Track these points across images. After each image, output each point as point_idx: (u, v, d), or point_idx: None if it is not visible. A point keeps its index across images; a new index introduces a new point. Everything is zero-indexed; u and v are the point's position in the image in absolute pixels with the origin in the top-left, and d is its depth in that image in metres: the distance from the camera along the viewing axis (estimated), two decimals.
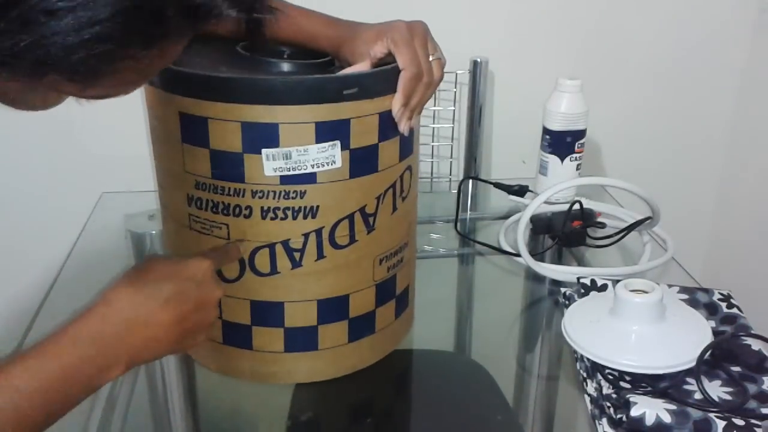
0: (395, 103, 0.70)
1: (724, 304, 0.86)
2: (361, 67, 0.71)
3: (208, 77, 0.66)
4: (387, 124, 0.71)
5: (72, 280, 0.99)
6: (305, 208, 0.69)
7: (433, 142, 1.30)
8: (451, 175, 1.33)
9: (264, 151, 0.66)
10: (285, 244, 0.70)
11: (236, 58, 0.75)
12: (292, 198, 0.68)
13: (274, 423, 0.76)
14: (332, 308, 0.74)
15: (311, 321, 0.74)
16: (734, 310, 0.86)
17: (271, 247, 0.70)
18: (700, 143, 1.40)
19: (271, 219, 0.69)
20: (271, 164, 0.67)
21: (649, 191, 0.98)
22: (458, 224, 1.14)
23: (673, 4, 1.29)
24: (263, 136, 0.66)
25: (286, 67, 0.73)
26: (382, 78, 0.70)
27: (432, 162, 1.31)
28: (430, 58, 0.72)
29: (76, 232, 1.11)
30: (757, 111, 1.34)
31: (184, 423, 0.79)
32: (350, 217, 0.71)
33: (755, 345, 0.78)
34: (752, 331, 0.81)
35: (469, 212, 1.23)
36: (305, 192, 0.69)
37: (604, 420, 0.71)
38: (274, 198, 0.68)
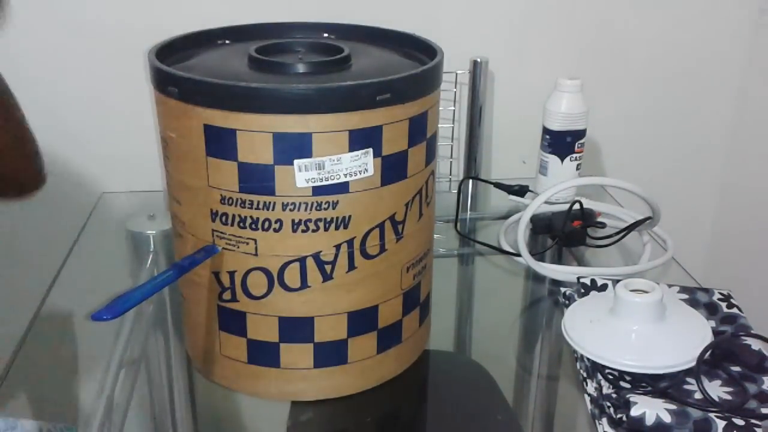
0: None
1: (724, 304, 0.86)
2: None
3: (238, 87, 0.64)
4: (416, 129, 0.70)
5: (72, 280, 0.99)
6: (337, 218, 0.68)
7: None
8: (451, 175, 1.33)
9: (296, 162, 0.64)
10: (316, 257, 0.69)
11: (252, 62, 0.73)
12: (324, 209, 0.67)
13: (275, 422, 0.77)
14: (362, 320, 0.73)
15: (341, 334, 0.73)
16: (734, 310, 0.86)
17: (302, 260, 0.69)
18: (701, 143, 1.40)
19: (303, 232, 0.67)
20: (303, 175, 0.65)
21: (649, 191, 0.98)
22: (458, 224, 1.14)
23: (673, 4, 1.29)
24: (295, 147, 0.64)
25: (302, 68, 0.71)
26: (413, 82, 0.69)
27: None
28: None
29: (76, 232, 1.11)
30: (757, 111, 1.34)
31: (184, 422, 0.79)
32: (381, 226, 0.70)
33: (755, 345, 0.78)
34: (752, 331, 0.81)
35: (469, 212, 1.23)
36: (337, 202, 0.67)
37: (604, 420, 0.71)
38: (306, 210, 0.67)
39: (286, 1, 1.15)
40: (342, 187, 0.66)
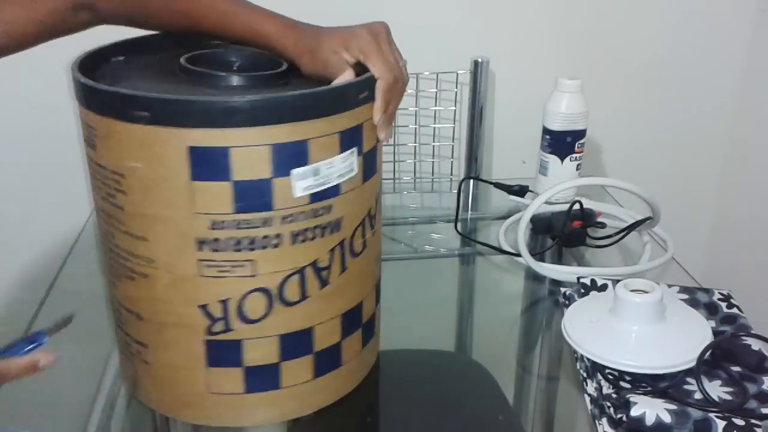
0: (377, 113, 0.68)
1: (724, 304, 0.86)
2: (347, 76, 0.68)
3: (229, 103, 0.60)
4: None
5: (72, 280, 0.99)
6: (331, 223, 0.67)
7: (433, 142, 1.30)
8: (451, 175, 1.33)
9: (293, 171, 0.63)
10: (314, 265, 0.67)
11: (182, 74, 0.70)
12: (320, 215, 0.66)
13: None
14: (352, 319, 0.73)
15: (336, 338, 0.72)
16: (734, 310, 0.86)
17: (301, 272, 0.67)
18: (700, 143, 1.40)
19: (301, 242, 0.66)
20: (301, 184, 0.63)
21: (649, 191, 0.98)
22: (458, 224, 1.14)
23: (673, 4, 1.30)
24: (293, 157, 0.62)
25: (237, 80, 0.69)
26: None
27: (433, 162, 1.31)
28: (400, 64, 0.69)
29: (76, 232, 1.11)
30: (757, 111, 1.34)
31: (183, 422, 0.79)
32: (362, 222, 0.70)
33: (755, 345, 0.78)
34: (752, 331, 0.81)
35: (469, 212, 1.23)
36: (331, 206, 0.66)
37: (604, 420, 0.71)
38: (304, 219, 0.65)
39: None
40: (334, 190, 0.66)
